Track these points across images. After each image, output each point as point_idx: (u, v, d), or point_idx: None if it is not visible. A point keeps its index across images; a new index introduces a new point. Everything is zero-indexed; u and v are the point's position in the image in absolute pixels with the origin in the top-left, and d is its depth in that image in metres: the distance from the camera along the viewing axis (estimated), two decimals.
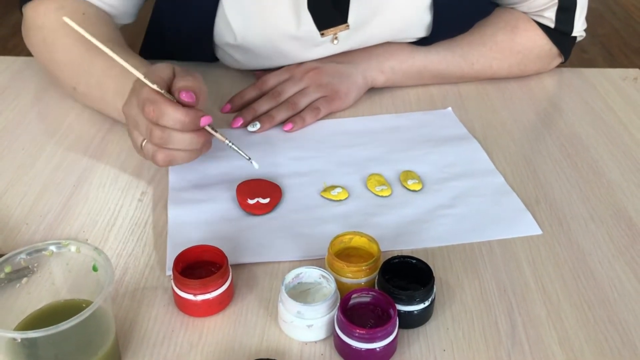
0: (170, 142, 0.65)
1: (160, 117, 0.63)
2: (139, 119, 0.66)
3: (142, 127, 0.66)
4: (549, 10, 0.92)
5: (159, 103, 0.63)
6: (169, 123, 0.64)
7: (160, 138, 0.64)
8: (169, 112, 0.63)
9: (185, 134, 0.65)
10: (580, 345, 0.57)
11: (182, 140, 0.65)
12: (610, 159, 0.81)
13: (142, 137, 0.67)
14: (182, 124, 0.64)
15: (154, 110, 0.63)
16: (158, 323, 0.58)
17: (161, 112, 0.63)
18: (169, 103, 0.64)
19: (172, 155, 0.66)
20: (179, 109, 0.64)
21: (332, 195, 0.73)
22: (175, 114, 0.64)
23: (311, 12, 0.84)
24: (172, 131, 0.64)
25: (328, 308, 0.56)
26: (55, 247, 0.53)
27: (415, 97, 0.94)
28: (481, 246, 0.67)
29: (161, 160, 0.66)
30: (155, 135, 0.64)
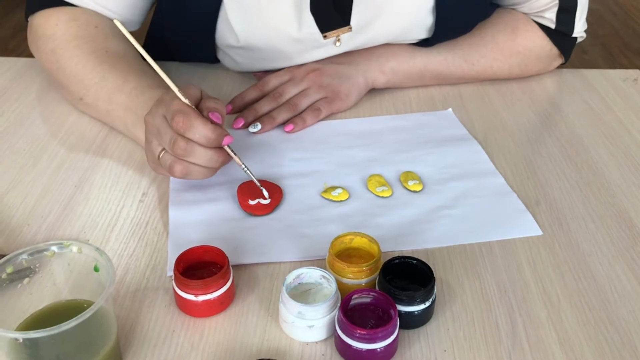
0: (192, 155, 0.66)
1: (188, 128, 0.65)
2: (162, 129, 0.67)
3: (166, 137, 0.67)
4: (550, 11, 0.92)
5: (190, 115, 0.65)
6: (195, 136, 0.65)
7: (184, 149, 0.66)
8: (198, 126, 0.65)
9: (207, 150, 0.67)
10: (580, 346, 0.57)
11: (203, 155, 0.67)
12: (611, 160, 0.82)
13: (161, 147, 0.68)
14: (208, 139, 0.66)
15: (184, 122, 0.65)
16: (159, 323, 0.58)
17: (191, 124, 0.65)
18: (199, 117, 0.66)
19: (189, 168, 0.67)
20: (207, 125, 0.66)
21: (332, 196, 0.73)
22: (204, 129, 0.65)
23: (313, 15, 0.84)
24: (195, 145, 0.66)
25: (329, 308, 0.56)
26: (56, 247, 0.54)
27: (415, 98, 0.94)
28: (481, 247, 0.67)
29: (178, 172, 0.67)
30: (179, 145, 0.66)
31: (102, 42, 0.83)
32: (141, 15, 0.90)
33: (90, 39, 0.83)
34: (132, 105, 0.77)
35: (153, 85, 0.77)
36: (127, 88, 0.78)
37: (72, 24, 0.84)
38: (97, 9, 0.85)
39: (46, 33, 0.85)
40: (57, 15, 0.85)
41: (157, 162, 0.69)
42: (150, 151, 0.70)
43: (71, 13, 0.85)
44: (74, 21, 0.84)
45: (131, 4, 0.87)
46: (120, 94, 0.78)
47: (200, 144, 0.66)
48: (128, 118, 0.78)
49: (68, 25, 0.84)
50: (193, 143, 0.66)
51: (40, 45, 0.86)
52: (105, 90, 0.80)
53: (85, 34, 0.83)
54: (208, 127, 0.66)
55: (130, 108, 0.77)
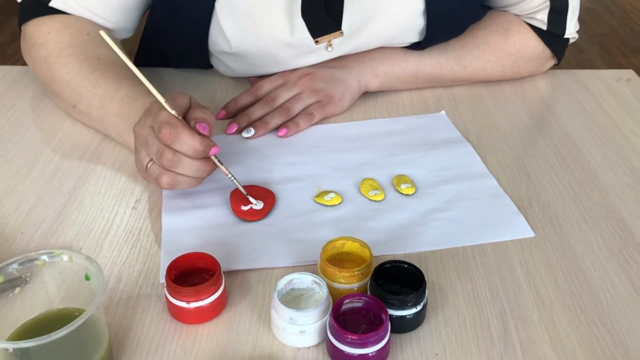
0: (179, 166, 0.67)
1: (175, 140, 0.65)
2: (150, 140, 0.67)
3: (153, 148, 0.67)
4: (541, 13, 0.92)
5: (177, 127, 0.65)
6: (182, 148, 0.66)
7: (171, 160, 0.66)
8: (185, 138, 0.65)
9: (194, 161, 0.67)
10: (572, 348, 0.57)
11: (190, 166, 0.67)
12: (603, 161, 0.82)
13: (149, 158, 0.69)
14: (195, 151, 0.66)
15: (171, 133, 0.65)
16: (152, 330, 0.58)
17: (177, 136, 0.65)
18: (186, 129, 0.66)
19: (176, 179, 0.68)
20: (195, 136, 0.66)
21: (325, 200, 0.73)
22: (191, 140, 0.66)
23: (305, 20, 0.84)
24: (182, 156, 0.66)
25: (320, 314, 0.56)
26: (47, 256, 0.54)
27: (409, 101, 0.94)
28: (474, 249, 0.68)
29: (165, 183, 0.68)
30: (166, 157, 0.66)
31: (94, 49, 0.83)
32: (134, 22, 0.90)
33: (82, 47, 0.83)
34: (124, 112, 0.77)
35: (145, 93, 0.77)
36: (119, 95, 0.78)
37: (65, 31, 0.84)
38: (90, 16, 0.86)
39: (39, 41, 0.85)
40: (49, 23, 0.85)
41: (145, 172, 0.70)
42: (139, 161, 0.70)
43: (63, 21, 0.85)
44: (66, 29, 0.84)
45: (123, 12, 0.87)
46: (112, 101, 0.78)
47: (187, 155, 0.66)
48: (120, 125, 0.78)
49: (60, 34, 0.84)
50: (180, 154, 0.66)
51: (33, 53, 0.86)
52: (97, 98, 0.80)
53: (77, 41, 0.83)
54: (195, 139, 0.66)
55: (122, 115, 0.77)
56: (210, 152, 0.68)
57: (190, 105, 0.71)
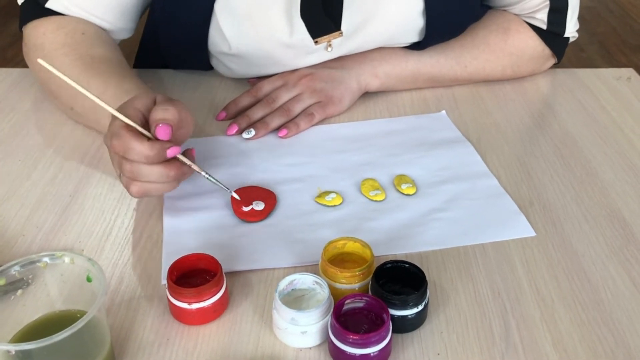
0: (140, 175, 0.65)
1: (125, 151, 0.63)
2: (111, 153, 0.67)
3: (115, 161, 0.66)
4: (541, 12, 0.92)
5: (123, 137, 0.63)
6: (134, 157, 0.63)
7: (130, 172, 0.64)
8: (133, 147, 0.63)
9: (153, 167, 0.64)
10: (574, 347, 0.57)
11: (151, 174, 0.65)
12: (604, 159, 0.82)
13: (119, 170, 0.67)
14: (147, 157, 0.63)
15: (119, 145, 0.63)
16: (153, 332, 0.58)
17: (126, 147, 0.63)
18: (133, 137, 0.63)
19: (144, 187, 0.66)
20: (143, 143, 0.63)
21: (326, 200, 0.73)
22: (140, 148, 0.63)
23: (304, 20, 0.84)
24: (140, 164, 0.64)
25: (322, 314, 0.56)
26: (49, 258, 0.54)
27: (409, 101, 0.94)
28: (475, 249, 0.68)
29: (135, 192, 0.66)
30: (126, 169, 0.64)
31: (88, 48, 0.83)
32: (132, 22, 0.90)
33: (76, 46, 0.83)
34: None
35: (130, 90, 0.76)
36: (108, 95, 0.76)
37: (60, 32, 0.84)
38: (87, 17, 0.86)
39: (35, 43, 0.85)
40: (45, 24, 0.85)
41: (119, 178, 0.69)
42: (115, 170, 0.69)
43: (59, 22, 0.85)
44: (61, 29, 0.84)
45: (120, 12, 0.87)
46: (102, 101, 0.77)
47: (142, 163, 0.64)
48: None
49: (55, 34, 0.84)
50: (137, 163, 0.64)
51: (31, 55, 0.86)
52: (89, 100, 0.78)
53: (72, 41, 0.83)
54: (144, 146, 0.63)
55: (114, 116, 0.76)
56: (167, 154, 0.64)
57: (154, 105, 0.68)
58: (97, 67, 0.81)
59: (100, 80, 0.79)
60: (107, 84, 0.78)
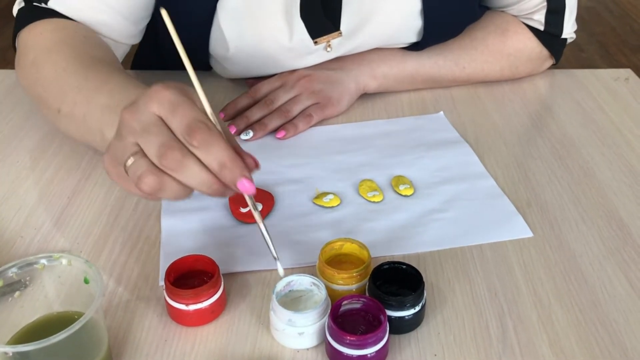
0: (182, 171, 0.52)
1: (204, 146, 0.51)
2: (154, 130, 0.52)
3: (156, 140, 0.52)
4: (539, 13, 0.93)
5: (213, 131, 0.52)
6: (207, 157, 0.52)
7: (176, 162, 0.51)
8: (219, 148, 0.52)
9: (204, 172, 0.52)
10: (570, 347, 0.57)
11: (197, 175, 0.52)
12: (602, 160, 0.82)
13: (135, 149, 0.53)
14: (221, 166, 0.52)
15: (205, 136, 0.51)
16: (151, 333, 0.59)
17: (210, 143, 0.51)
18: (222, 137, 0.53)
19: (165, 183, 0.53)
20: (229, 149, 0.52)
21: (324, 202, 0.73)
22: (224, 153, 0.52)
23: (304, 21, 0.85)
24: (194, 161, 0.52)
25: (319, 315, 0.56)
26: (46, 260, 0.54)
27: (407, 102, 0.95)
28: (472, 250, 0.68)
29: (149, 184, 0.52)
30: (171, 156, 0.51)
31: (89, 49, 0.77)
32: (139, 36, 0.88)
33: (75, 46, 0.77)
34: (113, 103, 0.64)
35: (140, 86, 0.68)
36: (108, 87, 0.68)
37: (58, 32, 0.78)
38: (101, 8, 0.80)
39: (28, 44, 0.79)
40: (42, 25, 0.80)
41: (118, 165, 0.55)
42: (118, 149, 0.55)
43: (59, 23, 0.80)
44: (60, 30, 0.79)
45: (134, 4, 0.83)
46: (99, 94, 0.68)
47: (207, 165, 0.52)
48: (105, 120, 0.65)
49: (53, 34, 0.78)
50: (191, 157, 0.52)
51: (21, 60, 0.79)
52: (84, 92, 0.69)
53: (71, 41, 0.77)
54: (229, 154, 0.52)
55: (110, 107, 0.65)
56: (239, 182, 0.53)
57: None
58: (98, 65, 0.74)
59: (100, 76, 0.71)
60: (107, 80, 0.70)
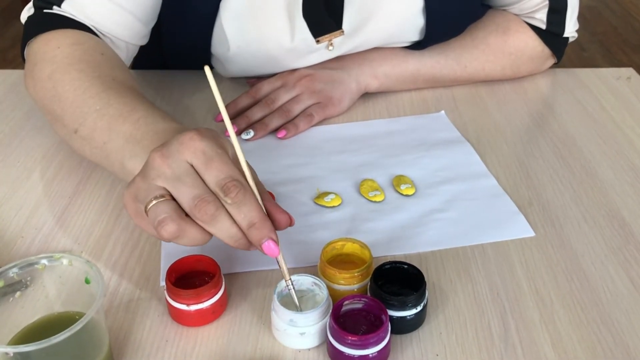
0: (214, 225, 0.53)
1: (238, 204, 0.52)
2: (188, 180, 0.53)
3: (190, 191, 0.52)
4: (540, 12, 0.92)
5: (248, 191, 0.52)
6: (238, 215, 0.53)
7: (209, 216, 0.52)
8: (252, 207, 0.52)
9: (234, 227, 0.53)
10: (573, 347, 0.57)
11: (227, 230, 0.53)
12: (604, 159, 0.82)
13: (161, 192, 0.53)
14: (250, 225, 0.53)
15: (240, 195, 0.52)
16: (152, 333, 0.58)
17: (244, 201, 0.52)
18: (254, 196, 0.54)
19: (185, 232, 0.53)
20: (260, 210, 0.53)
21: (325, 201, 0.73)
22: (254, 213, 0.53)
23: (306, 20, 0.85)
24: (226, 216, 0.53)
25: (320, 315, 0.56)
26: (47, 260, 0.54)
27: (409, 101, 0.94)
28: (474, 249, 0.68)
29: (170, 232, 0.52)
30: (205, 209, 0.52)
31: (109, 70, 0.74)
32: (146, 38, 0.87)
33: (96, 65, 0.74)
34: (138, 134, 0.64)
35: (168, 118, 0.66)
36: (134, 117, 0.65)
37: (77, 47, 0.75)
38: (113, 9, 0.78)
39: (45, 57, 0.75)
40: (59, 39, 0.76)
41: (138, 203, 0.55)
42: (142, 190, 0.54)
43: (76, 37, 0.76)
44: (78, 45, 0.75)
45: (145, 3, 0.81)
46: (124, 122, 0.65)
47: (238, 223, 0.53)
48: (127, 150, 0.64)
49: (72, 48, 0.74)
50: (223, 211, 0.53)
51: (35, 72, 0.75)
52: (106, 119, 0.67)
53: (90, 59, 0.74)
54: (260, 215, 0.53)
55: (135, 138, 0.64)
56: (263, 244, 0.53)
57: None
58: (122, 89, 0.71)
59: (126, 102, 0.68)
60: (134, 107, 0.67)
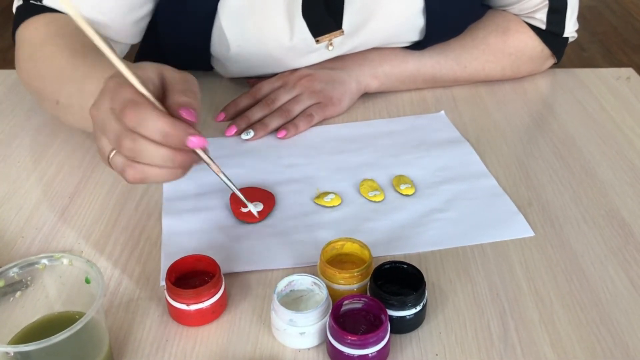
0: (142, 156, 0.54)
1: (139, 123, 0.53)
2: (108, 124, 0.55)
3: (111, 134, 0.55)
4: (540, 12, 0.92)
5: (142, 106, 0.53)
6: (146, 132, 0.53)
7: (131, 150, 0.54)
8: (151, 118, 0.53)
9: (160, 148, 0.54)
10: (572, 347, 0.57)
11: (154, 155, 0.54)
12: (603, 159, 0.82)
13: (110, 147, 0.57)
14: (165, 135, 0.54)
15: (134, 114, 0.53)
16: (152, 333, 0.59)
17: (141, 117, 0.53)
18: (152, 108, 0.54)
19: (144, 171, 0.55)
20: (164, 116, 0.54)
21: (325, 201, 0.73)
22: (159, 122, 0.53)
23: (306, 20, 0.84)
24: (145, 142, 0.54)
25: (320, 315, 0.56)
26: (47, 260, 0.54)
27: (409, 101, 0.94)
28: (474, 249, 0.68)
29: (131, 176, 0.56)
30: (125, 145, 0.54)
31: (81, 38, 0.73)
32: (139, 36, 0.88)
33: (68, 36, 0.77)
34: None
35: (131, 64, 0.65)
36: (97, 73, 0.66)
37: (52, 25, 0.80)
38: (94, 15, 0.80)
39: (25, 39, 0.81)
40: (36, 20, 0.81)
41: (108, 163, 0.58)
42: (100, 149, 0.58)
43: (51, 16, 0.81)
44: (53, 22, 0.80)
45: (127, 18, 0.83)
46: (89, 81, 0.67)
47: (153, 140, 0.54)
48: None
49: (47, 27, 0.80)
50: (143, 140, 0.54)
51: (19, 56, 0.82)
52: (76, 84, 0.70)
53: (63, 32, 0.78)
54: (165, 120, 0.53)
55: None
56: (188, 141, 0.54)
57: (166, 84, 0.58)
58: (88, 52, 0.73)
59: (89, 63, 0.71)
60: (94, 65, 0.70)
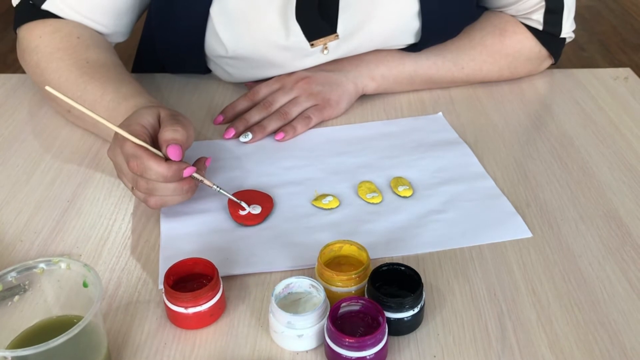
0: (157, 191, 0.67)
1: (144, 171, 0.66)
2: (124, 168, 0.68)
3: (129, 177, 0.69)
4: (537, 13, 0.92)
5: (142, 158, 0.66)
6: (152, 177, 0.66)
7: (147, 189, 0.67)
8: (152, 167, 0.65)
9: (169, 185, 0.67)
10: (570, 348, 0.57)
11: (167, 190, 0.68)
12: (601, 160, 0.82)
13: (131, 184, 0.70)
14: (165, 177, 0.66)
15: (137, 165, 0.66)
16: (150, 336, 0.59)
17: (145, 167, 0.65)
18: (150, 158, 0.66)
19: (162, 199, 0.68)
20: (161, 164, 0.66)
21: (323, 203, 0.73)
22: (159, 169, 0.66)
23: (300, 23, 0.85)
24: (156, 182, 0.67)
25: (318, 317, 0.56)
26: (45, 264, 0.54)
27: (406, 103, 0.95)
28: (471, 250, 0.68)
29: (153, 205, 0.69)
30: (141, 186, 0.67)
31: (83, 52, 0.83)
32: (128, 26, 0.91)
33: (71, 51, 0.83)
34: (112, 117, 0.76)
35: (128, 95, 0.77)
36: (105, 100, 0.78)
37: (55, 35, 0.84)
38: (82, 20, 0.86)
39: (30, 46, 0.86)
40: (41, 27, 0.85)
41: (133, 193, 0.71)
42: (125, 184, 0.71)
43: (55, 25, 0.85)
44: (57, 33, 0.85)
45: (116, 15, 0.87)
46: (100, 107, 0.78)
47: (159, 182, 0.67)
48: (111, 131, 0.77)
49: (51, 37, 0.84)
50: (153, 182, 0.66)
51: (25, 57, 0.87)
52: (87, 104, 0.78)
53: (67, 45, 0.84)
54: (162, 167, 0.66)
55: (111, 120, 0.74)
56: (184, 174, 0.67)
57: (159, 122, 0.70)
58: (94, 72, 0.81)
59: (98, 85, 0.79)
60: (104, 90, 0.79)
